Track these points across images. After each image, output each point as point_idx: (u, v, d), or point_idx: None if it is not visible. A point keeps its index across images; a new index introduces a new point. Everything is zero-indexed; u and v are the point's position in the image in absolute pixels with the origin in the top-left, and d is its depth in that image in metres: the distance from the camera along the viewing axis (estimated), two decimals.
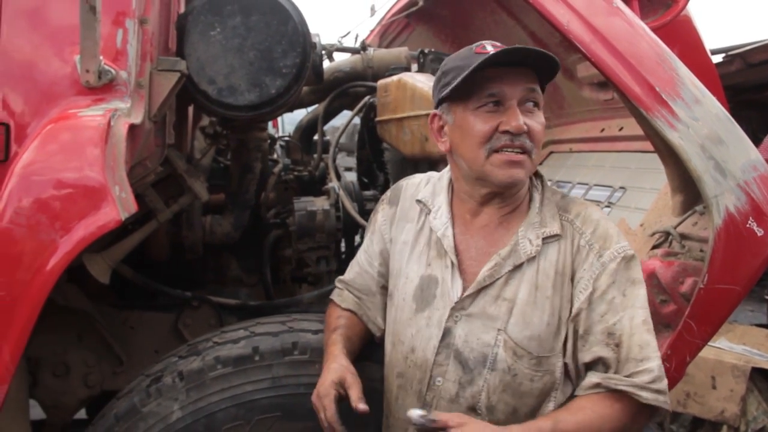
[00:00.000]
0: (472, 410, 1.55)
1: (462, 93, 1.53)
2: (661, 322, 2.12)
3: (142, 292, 2.52)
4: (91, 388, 2.41)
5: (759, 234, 1.91)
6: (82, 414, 2.65)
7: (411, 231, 1.71)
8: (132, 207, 1.52)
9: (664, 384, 1.48)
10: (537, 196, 1.63)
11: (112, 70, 1.62)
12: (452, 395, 1.56)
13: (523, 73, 1.51)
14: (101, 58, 1.57)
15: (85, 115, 1.55)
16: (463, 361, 1.56)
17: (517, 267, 1.56)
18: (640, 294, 1.54)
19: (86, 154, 1.47)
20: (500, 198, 1.59)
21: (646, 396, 1.45)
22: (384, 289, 1.79)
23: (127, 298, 2.60)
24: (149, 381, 1.83)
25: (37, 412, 2.35)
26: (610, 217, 2.89)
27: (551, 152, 3.89)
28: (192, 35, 1.99)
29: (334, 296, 1.85)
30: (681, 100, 1.83)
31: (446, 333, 1.58)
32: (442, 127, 1.62)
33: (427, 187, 1.74)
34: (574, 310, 1.53)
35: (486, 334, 1.55)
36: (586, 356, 1.52)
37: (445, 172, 1.73)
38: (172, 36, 2.02)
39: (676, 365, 1.99)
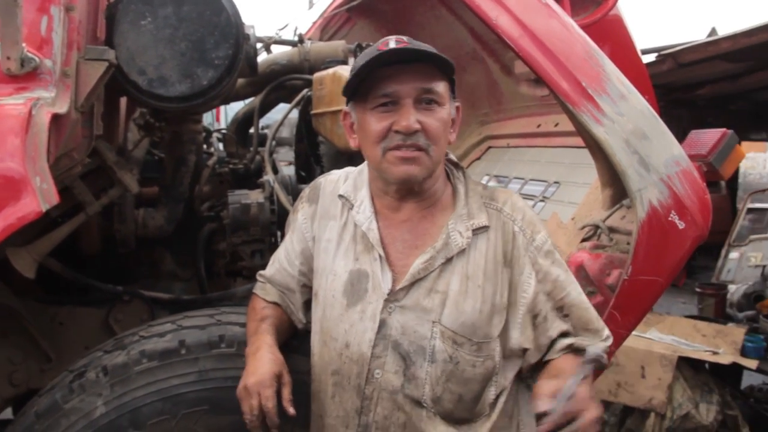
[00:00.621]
0: (417, 403, 1.57)
1: (361, 92, 1.56)
2: None
3: (72, 287, 2.46)
4: (16, 386, 2.33)
5: (680, 227, 1.98)
6: (8, 413, 2.58)
7: (335, 228, 1.71)
8: (53, 198, 1.48)
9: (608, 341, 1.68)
10: (461, 188, 1.66)
11: (36, 58, 1.58)
12: (395, 387, 1.57)
13: (419, 71, 1.53)
14: (24, 45, 1.53)
15: (5, 103, 1.50)
16: (402, 352, 1.58)
17: (449, 259, 1.59)
18: (566, 268, 1.66)
19: (6, 144, 1.43)
20: (413, 194, 1.62)
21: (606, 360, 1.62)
22: (305, 287, 1.79)
23: (56, 293, 2.53)
24: (72, 377, 1.80)
25: None
26: (544, 210, 2.96)
27: (489, 147, 3.94)
28: (122, 24, 1.95)
29: (257, 290, 1.85)
30: (607, 96, 1.88)
31: (382, 325, 1.59)
32: (352, 125, 1.66)
33: (347, 183, 1.75)
34: (528, 296, 1.60)
35: (421, 327, 1.57)
36: (553, 333, 1.61)
37: (365, 166, 1.75)
38: (101, 25, 1.98)
39: None
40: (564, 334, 1.62)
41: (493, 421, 1.60)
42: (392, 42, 1.55)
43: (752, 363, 4.23)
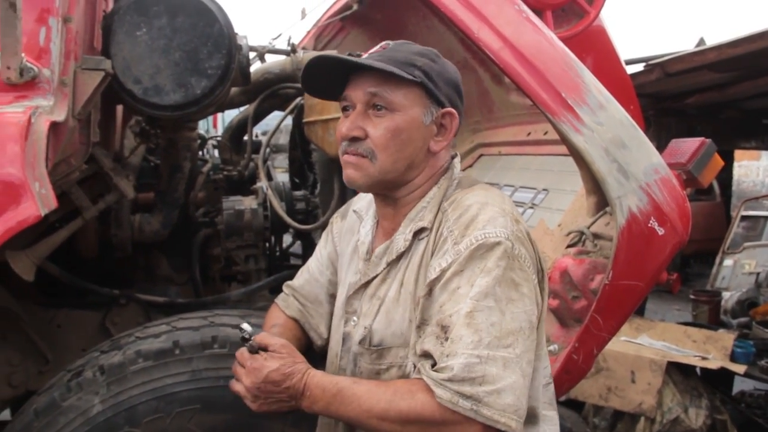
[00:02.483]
0: None
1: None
2: (573, 317, 2.23)
3: (69, 290, 2.51)
4: (15, 387, 2.38)
5: (660, 233, 2.03)
6: (6, 415, 2.63)
7: (353, 243, 1.71)
8: (52, 203, 1.54)
9: (475, 389, 1.30)
10: (432, 192, 1.55)
11: (35, 68, 1.63)
12: None
13: (375, 76, 1.48)
14: (23, 55, 1.58)
15: (5, 111, 1.56)
16: (352, 359, 1.58)
17: (392, 264, 1.54)
18: (481, 283, 1.36)
19: (6, 151, 1.48)
20: (387, 200, 1.58)
21: (440, 393, 1.31)
22: (333, 297, 1.79)
23: (54, 296, 2.58)
24: (70, 376, 1.85)
25: None
26: (533, 218, 3.00)
27: (481, 155, 4.00)
28: (118, 35, 2.00)
29: (279, 300, 1.83)
30: (586, 106, 1.93)
31: (346, 338, 1.60)
32: None
33: (367, 198, 1.73)
34: (417, 299, 1.45)
35: (357, 333, 1.57)
36: (418, 349, 1.41)
37: None
38: (97, 35, 2.03)
39: (584, 357, 2.10)
40: (430, 358, 1.38)
41: None
42: (376, 47, 1.54)
43: (740, 368, 4.29)
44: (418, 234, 1.51)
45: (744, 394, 5.08)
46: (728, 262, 7.92)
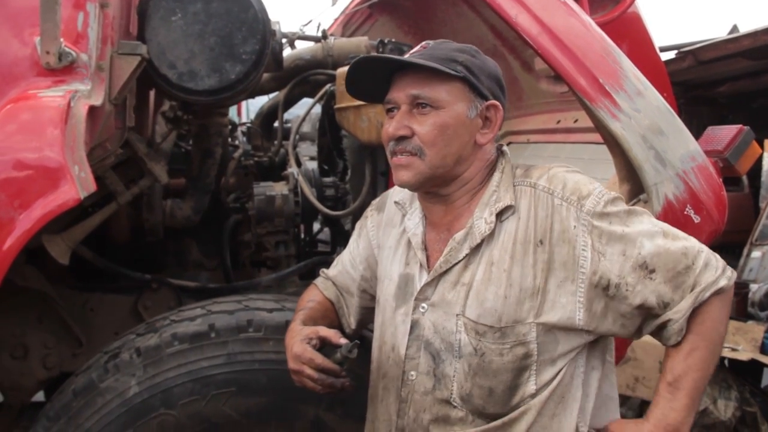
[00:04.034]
0: (447, 403, 1.54)
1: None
2: None
3: (102, 274, 2.54)
4: (49, 369, 2.42)
5: (696, 221, 2.01)
6: (40, 396, 2.67)
7: (395, 236, 1.72)
8: (91, 186, 1.55)
9: (720, 261, 1.53)
10: (497, 176, 1.59)
11: (73, 53, 1.64)
12: (427, 388, 1.56)
13: (416, 76, 1.53)
14: (62, 40, 1.59)
15: (45, 95, 1.57)
16: (433, 352, 1.56)
17: (475, 249, 1.54)
18: (643, 218, 1.51)
19: (46, 134, 1.49)
20: (438, 197, 1.61)
21: (724, 283, 1.49)
22: (364, 293, 1.82)
23: (87, 280, 2.61)
24: (107, 357, 1.87)
25: None
26: None
27: (510, 143, 3.97)
28: (153, 20, 2.01)
29: (319, 282, 1.87)
30: (624, 92, 1.91)
31: (414, 325, 1.59)
32: None
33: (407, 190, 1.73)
34: (587, 269, 1.47)
35: (448, 322, 1.54)
36: (635, 300, 1.47)
37: None
38: (133, 20, 2.04)
39: (617, 345, 2.08)
40: (655, 299, 1.47)
41: (534, 413, 1.50)
42: (416, 48, 1.58)
43: None
44: (500, 215, 1.54)
45: None
46: (756, 253, 7.77)
